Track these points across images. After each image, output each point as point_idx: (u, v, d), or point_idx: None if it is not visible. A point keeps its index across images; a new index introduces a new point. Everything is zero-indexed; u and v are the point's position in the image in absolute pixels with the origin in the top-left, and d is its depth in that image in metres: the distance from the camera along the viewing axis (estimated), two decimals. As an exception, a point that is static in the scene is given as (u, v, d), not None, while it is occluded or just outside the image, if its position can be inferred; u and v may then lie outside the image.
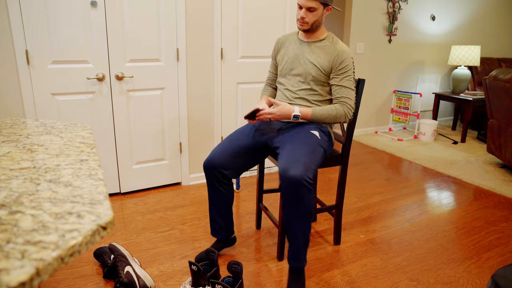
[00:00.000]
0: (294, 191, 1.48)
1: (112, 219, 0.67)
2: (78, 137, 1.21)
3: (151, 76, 2.55)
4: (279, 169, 1.51)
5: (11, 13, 2.08)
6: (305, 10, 1.66)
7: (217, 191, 1.80)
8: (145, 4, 2.41)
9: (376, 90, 4.55)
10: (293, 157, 1.52)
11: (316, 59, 1.76)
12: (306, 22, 1.69)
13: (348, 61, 1.74)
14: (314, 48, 1.78)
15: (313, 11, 1.66)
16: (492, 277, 1.05)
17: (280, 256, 1.93)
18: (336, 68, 1.73)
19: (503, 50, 5.67)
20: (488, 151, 3.45)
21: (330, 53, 1.74)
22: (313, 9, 1.65)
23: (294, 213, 1.54)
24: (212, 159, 1.74)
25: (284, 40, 1.90)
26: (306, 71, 1.77)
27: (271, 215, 2.03)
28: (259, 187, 2.16)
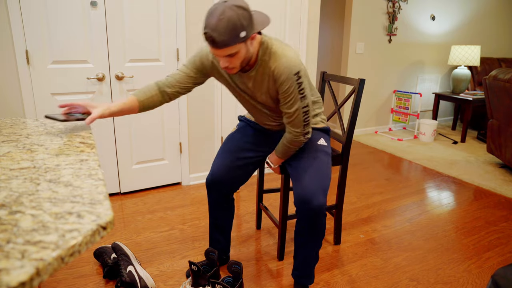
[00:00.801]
0: (314, 220, 1.45)
1: (112, 219, 0.67)
2: (78, 137, 1.21)
3: (151, 76, 2.55)
4: (298, 197, 1.43)
5: (11, 13, 2.08)
6: (224, 58, 1.27)
7: (221, 208, 1.74)
8: (145, 4, 2.41)
9: (376, 90, 4.55)
10: (311, 184, 1.42)
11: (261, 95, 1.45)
12: (234, 67, 1.31)
13: (288, 79, 1.34)
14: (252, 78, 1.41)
15: (235, 55, 1.25)
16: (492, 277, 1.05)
17: (280, 256, 1.93)
18: (278, 89, 1.40)
19: (503, 50, 5.67)
20: (488, 151, 3.45)
21: (269, 78, 1.38)
22: (234, 53, 1.25)
23: (309, 238, 1.52)
24: (215, 175, 1.64)
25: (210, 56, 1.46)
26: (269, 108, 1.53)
27: (271, 215, 2.03)
28: (259, 187, 2.16)
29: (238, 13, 1.17)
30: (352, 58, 4.24)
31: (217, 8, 1.17)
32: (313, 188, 1.42)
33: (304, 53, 3.04)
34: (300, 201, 1.43)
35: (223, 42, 1.18)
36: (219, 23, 1.16)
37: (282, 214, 1.84)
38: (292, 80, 1.34)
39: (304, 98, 1.39)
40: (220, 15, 1.16)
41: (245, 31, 1.20)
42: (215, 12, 1.17)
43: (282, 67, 1.33)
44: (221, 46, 1.19)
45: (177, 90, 1.49)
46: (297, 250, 1.60)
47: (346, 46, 4.23)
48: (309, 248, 1.56)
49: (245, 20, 1.18)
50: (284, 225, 1.87)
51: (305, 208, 1.42)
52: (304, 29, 3.00)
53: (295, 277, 1.66)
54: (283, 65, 1.33)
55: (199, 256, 1.95)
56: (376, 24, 4.30)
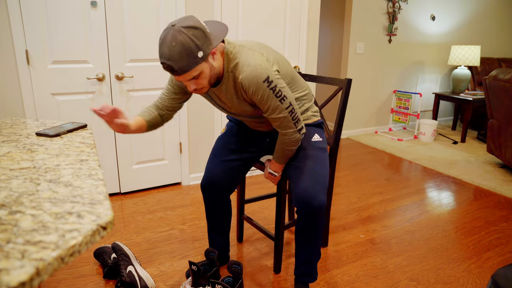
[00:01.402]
0: (315, 219, 1.46)
1: (112, 219, 0.67)
2: (78, 137, 1.21)
3: (151, 76, 2.55)
4: (298, 198, 1.42)
5: (11, 13, 2.08)
6: (190, 81, 1.22)
7: (218, 211, 1.72)
8: (145, 4, 2.41)
9: (376, 90, 4.55)
10: (310, 184, 1.41)
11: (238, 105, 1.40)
12: (202, 87, 1.26)
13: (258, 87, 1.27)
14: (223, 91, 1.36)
15: (199, 76, 1.21)
16: (492, 277, 1.05)
17: (277, 269, 1.83)
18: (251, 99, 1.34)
19: (503, 50, 5.67)
20: (488, 151, 3.45)
21: (239, 89, 1.33)
22: (198, 75, 1.20)
23: (311, 237, 1.53)
24: (210, 179, 1.62)
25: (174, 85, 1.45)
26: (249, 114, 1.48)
27: (262, 228, 1.90)
28: (240, 197, 2.00)
29: (189, 34, 1.11)
30: (352, 58, 4.25)
31: (166, 35, 1.12)
32: (313, 187, 1.42)
33: (304, 53, 3.04)
34: (300, 201, 1.42)
35: (181, 68, 1.14)
36: (172, 51, 1.11)
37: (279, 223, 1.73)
38: (262, 87, 1.27)
39: (283, 99, 1.32)
40: (171, 42, 1.11)
41: (201, 50, 1.14)
42: (166, 40, 1.12)
43: (249, 78, 1.26)
44: (181, 72, 1.15)
45: (169, 112, 1.48)
46: (299, 249, 1.59)
47: (346, 46, 4.23)
48: (311, 246, 1.55)
49: (198, 39, 1.13)
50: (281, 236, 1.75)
51: (306, 208, 1.42)
52: (304, 30, 3.00)
53: (297, 276, 1.64)
54: (249, 76, 1.25)
55: (199, 256, 1.95)
56: (376, 24, 4.30)
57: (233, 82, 1.31)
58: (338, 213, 2.48)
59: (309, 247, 1.56)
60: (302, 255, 1.59)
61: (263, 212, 2.46)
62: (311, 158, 1.49)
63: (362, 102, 4.49)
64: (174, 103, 1.46)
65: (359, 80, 4.38)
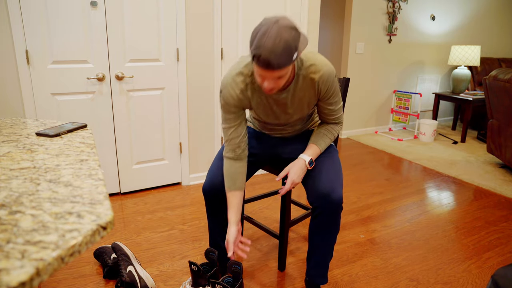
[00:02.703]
0: (333, 214, 1.45)
1: (112, 219, 0.67)
2: (78, 137, 1.21)
3: (151, 76, 2.55)
4: (317, 192, 1.44)
5: (11, 13, 2.08)
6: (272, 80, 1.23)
7: (220, 215, 1.68)
8: (145, 4, 2.41)
9: (376, 90, 4.55)
10: (329, 179, 1.44)
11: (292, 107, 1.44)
12: (277, 88, 1.29)
13: (331, 83, 1.40)
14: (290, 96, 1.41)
15: (283, 76, 1.23)
16: (492, 277, 1.05)
17: (281, 267, 1.84)
18: (323, 97, 1.44)
19: (503, 50, 5.67)
20: (488, 151, 3.45)
21: (311, 89, 1.40)
22: (284, 74, 1.22)
23: (328, 235, 1.52)
24: (213, 182, 1.57)
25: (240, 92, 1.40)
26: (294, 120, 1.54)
27: (264, 227, 1.91)
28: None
29: (293, 34, 1.14)
30: (352, 58, 4.25)
31: (270, 29, 1.12)
32: (332, 182, 1.45)
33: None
34: (320, 196, 1.43)
35: (279, 64, 1.14)
36: (276, 45, 1.12)
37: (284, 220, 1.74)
38: (335, 81, 1.41)
39: (339, 91, 1.48)
40: (276, 36, 1.11)
41: (297, 52, 1.17)
42: (270, 33, 1.12)
43: (326, 75, 1.37)
44: (276, 68, 1.15)
45: (245, 145, 1.49)
46: (313, 249, 1.56)
47: (346, 46, 4.23)
48: (327, 246, 1.53)
49: (297, 41, 1.16)
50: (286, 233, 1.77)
51: (326, 201, 1.43)
52: (304, 30, 3.00)
53: (310, 277, 1.60)
54: (326, 73, 1.37)
55: (199, 256, 1.95)
56: (376, 24, 4.30)
57: (304, 82, 1.38)
58: (338, 213, 2.48)
59: (325, 246, 1.53)
60: (317, 255, 1.56)
61: (264, 212, 2.46)
62: (327, 158, 1.55)
63: (362, 102, 4.49)
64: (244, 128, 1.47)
65: (359, 80, 4.38)
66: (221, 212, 1.69)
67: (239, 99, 1.40)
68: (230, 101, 1.40)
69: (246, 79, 1.39)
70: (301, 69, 1.36)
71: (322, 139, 1.52)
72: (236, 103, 1.40)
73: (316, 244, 1.55)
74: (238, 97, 1.39)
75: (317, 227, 1.51)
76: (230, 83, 1.39)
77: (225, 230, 1.76)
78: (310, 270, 1.60)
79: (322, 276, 1.59)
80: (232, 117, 1.43)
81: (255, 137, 1.71)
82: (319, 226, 1.50)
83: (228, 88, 1.39)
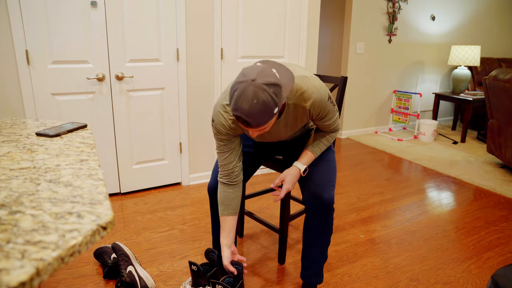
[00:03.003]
0: (325, 214, 1.50)
1: (112, 219, 0.67)
2: (78, 137, 1.21)
3: (151, 76, 2.55)
4: (310, 193, 1.48)
5: (11, 13, 2.08)
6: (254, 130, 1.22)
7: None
8: (145, 4, 2.41)
9: (376, 90, 4.55)
10: (322, 180, 1.49)
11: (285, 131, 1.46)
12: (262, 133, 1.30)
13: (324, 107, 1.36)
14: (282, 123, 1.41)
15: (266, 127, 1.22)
16: (492, 277, 1.05)
17: (281, 260, 1.90)
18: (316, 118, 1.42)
19: (503, 50, 5.67)
20: (488, 151, 3.45)
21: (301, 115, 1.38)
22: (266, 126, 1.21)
23: (321, 235, 1.56)
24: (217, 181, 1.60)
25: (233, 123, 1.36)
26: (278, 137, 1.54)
27: (265, 221, 1.96)
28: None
29: (270, 92, 1.09)
30: (352, 58, 4.25)
31: (245, 89, 1.08)
32: (323, 184, 1.49)
33: (304, 54, 3.04)
34: (312, 196, 1.48)
35: (258, 124, 1.13)
36: (253, 108, 1.09)
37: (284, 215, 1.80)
38: (328, 105, 1.37)
39: (334, 105, 1.43)
40: (252, 99, 1.08)
41: (277, 107, 1.13)
42: (246, 95, 1.08)
43: (317, 101, 1.33)
44: (255, 127, 1.14)
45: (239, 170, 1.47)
46: (307, 249, 1.60)
47: (346, 46, 4.23)
48: (319, 246, 1.57)
49: (277, 96, 1.11)
50: (286, 227, 1.83)
51: (317, 202, 1.47)
52: (304, 30, 3.00)
53: (304, 278, 1.64)
54: (317, 99, 1.33)
55: (199, 256, 1.95)
56: (376, 24, 4.30)
57: (295, 110, 1.35)
58: (338, 213, 2.48)
59: (318, 247, 1.57)
60: (311, 255, 1.60)
61: (262, 209, 2.46)
62: (321, 159, 1.58)
63: (362, 102, 4.49)
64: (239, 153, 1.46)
65: (359, 80, 4.38)
66: None
67: (231, 128, 1.37)
68: (222, 130, 1.38)
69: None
70: (291, 99, 1.33)
71: (318, 146, 1.52)
72: (228, 132, 1.38)
73: (309, 245, 1.59)
74: (230, 127, 1.37)
75: (310, 227, 1.56)
76: (222, 113, 1.35)
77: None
78: (304, 271, 1.64)
79: (315, 276, 1.62)
80: (225, 144, 1.41)
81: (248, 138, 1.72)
82: (311, 226, 1.55)
83: (220, 119, 1.36)
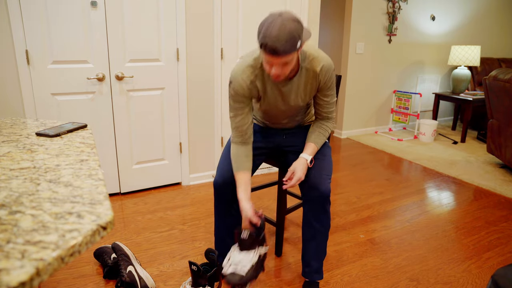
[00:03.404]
0: (322, 206, 1.56)
1: (112, 219, 0.67)
2: (78, 137, 1.21)
3: (151, 76, 2.55)
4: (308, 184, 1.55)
5: (11, 13, 2.08)
6: (279, 66, 1.35)
7: (229, 209, 1.69)
8: (145, 4, 2.41)
9: (376, 90, 4.55)
10: (319, 173, 1.56)
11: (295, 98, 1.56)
12: (283, 75, 1.39)
13: (330, 75, 1.54)
14: (294, 86, 1.53)
15: (289, 63, 1.34)
16: (492, 277, 1.05)
17: (278, 252, 1.96)
18: (322, 89, 1.56)
19: (503, 50, 5.67)
20: (488, 151, 3.45)
21: (313, 80, 1.53)
22: (289, 61, 1.34)
23: (320, 228, 1.60)
24: (224, 176, 1.61)
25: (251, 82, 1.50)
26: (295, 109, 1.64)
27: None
28: None
29: (295, 25, 1.28)
30: (352, 58, 4.25)
31: (275, 20, 1.28)
32: (320, 176, 1.56)
33: (304, 53, 3.04)
34: (309, 187, 1.54)
35: (284, 50, 1.28)
36: (281, 34, 1.26)
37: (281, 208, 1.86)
38: (333, 74, 1.56)
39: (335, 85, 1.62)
40: (280, 27, 1.26)
41: (300, 40, 1.30)
42: (275, 24, 1.27)
43: (326, 66, 1.51)
44: (282, 54, 1.28)
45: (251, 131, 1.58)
46: (306, 244, 1.64)
47: (346, 46, 4.23)
48: (318, 240, 1.62)
49: (300, 32, 1.29)
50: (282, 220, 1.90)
51: (314, 193, 1.53)
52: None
53: (307, 275, 1.67)
54: (326, 64, 1.51)
55: (199, 256, 1.95)
56: (376, 24, 4.30)
57: (307, 73, 1.51)
58: (338, 213, 2.48)
59: (315, 242, 1.62)
60: (310, 251, 1.64)
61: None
62: (320, 153, 1.66)
63: (362, 102, 4.49)
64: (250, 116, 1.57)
65: (359, 80, 4.38)
66: (230, 209, 1.70)
67: (249, 89, 1.51)
68: (240, 91, 1.50)
69: (255, 71, 1.50)
70: (304, 62, 1.50)
71: (318, 137, 1.64)
72: (245, 93, 1.51)
73: (308, 239, 1.63)
74: (248, 87, 1.50)
75: (308, 220, 1.61)
76: (241, 74, 1.49)
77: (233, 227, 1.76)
78: (305, 267, 1.68)
79: (317, 272, 1.66)
80: (240, 106, 1.53)
81: (260, 132, 1.80)
82: (309, 219, 1.60)
83: (239, 79, 1.49)
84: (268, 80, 1.51)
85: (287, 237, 2.16)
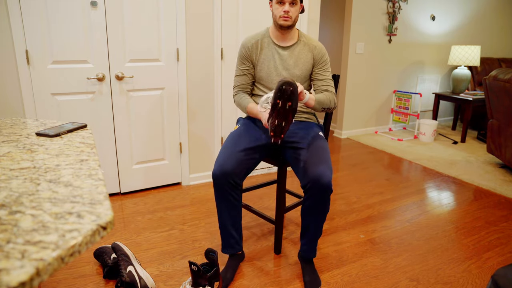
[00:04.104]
0: (323, 197, 1.61)
1: (112, 219, 0.67)
2: (78, 137, 1.21)
3: (151, 76, 2.55)
4: (309, 176, 1.59)
5: (11, 13, 2.08)
6: (289, 4, 1.70)
7: (230, 201, 1.70)
8: (145, 4, 2.41)
9: (376, 90, 4.55)
10: (320, 164, 1.62)
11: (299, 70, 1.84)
12: (290, 17, 1.72)
13: (326, 54, 1.87)
14: (293, 54, 1.83)
15: (295, 5, 1.71)
16: (492, 277, 1.05)
17: (277, 250, 1.98)
18: (318, 63, 1.85)
19: (503, 50, 5.67)
20: (488, 151, 3.45)
21: (309, 53, 1.84)
22: (295, 3, 1.71)
23: (319, 216, 1.67)
24: (223, 167, 1.63)
25: (254, 43, 1.85)
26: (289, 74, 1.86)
27: (261, 213, 2.01)
28: None
29: None
30: (352, 58, 4.25)
31: None
32: (322, 167, 1.60)
33: (304, 53, 3.04)
34: (311, 179, 1.58)
35: None
36: None
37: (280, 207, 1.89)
38: (326, 54, 1.87)
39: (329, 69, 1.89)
40: None
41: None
42: None
43: (321, 46, 1.87)
44: None
45: (249, 87, 1.93)
46: (305, 229, 1.73)
47: (346, 46, 4.23)
48: (317, 225, 1.70)
49: None
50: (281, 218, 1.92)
51: (317, 184, 1.57)
52: (304, 29, 3.00)
53: (303, 253, 1.79)
54: (322, 48, 1.87)
55: (199, 256, 1.95)
56: (376, 24, 4.30)
57: (305, 47, 1.84)
58: (338, 213, 2.48)
59: (315, 226, 1.70)
60: (308, 234, 1.73)
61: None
62: (319, 147, 1.74)
63: (362, 102, 4.49)
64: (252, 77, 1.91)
65: (359, 80, 4.38)
66: (231, 200, 1.71)
67: (251, 49, 1.84)
68: (243, 51, 1.85)
69: (259, 37, 1.85)
70: (303, 37, 1.85)
71: (321, 95, 1.79)
72: (247, 51, 1.84)
73: (307, 224, 1.72)
74: (252, 46, 1.84)
75: (309, 209, 1.66)
76: (248, 37, 1.86)
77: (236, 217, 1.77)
78: (303, 246, 1.79)
79: (312, 251, 1.79)
80: (243, 68, 1.87)
81: (254, 129, 1.84)
82: (310, 207, 1.66)
83: (246, 41, 1.86)
84: (269, 45, 1.83)
85: (286, 235, 2.16)
